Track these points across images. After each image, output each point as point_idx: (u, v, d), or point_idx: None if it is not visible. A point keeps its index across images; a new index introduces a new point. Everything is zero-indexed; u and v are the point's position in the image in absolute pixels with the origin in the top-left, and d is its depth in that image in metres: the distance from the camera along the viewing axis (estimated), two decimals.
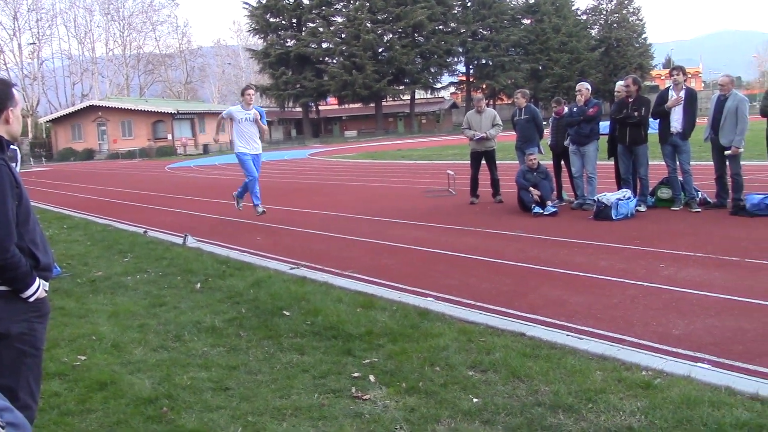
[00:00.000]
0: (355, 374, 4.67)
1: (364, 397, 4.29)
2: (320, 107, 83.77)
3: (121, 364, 5.10)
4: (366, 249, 9.42)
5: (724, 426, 3.59)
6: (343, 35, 73.17)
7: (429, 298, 6.52)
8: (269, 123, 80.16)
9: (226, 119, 11.86)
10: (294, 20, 76.76)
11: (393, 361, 4.84)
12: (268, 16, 76.60)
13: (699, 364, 4.50)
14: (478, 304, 6.25)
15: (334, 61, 74.33)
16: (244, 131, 11.59)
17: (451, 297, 6.54)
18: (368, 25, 72.01)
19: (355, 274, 7.73)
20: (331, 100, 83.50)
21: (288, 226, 11.76)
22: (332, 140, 71.91)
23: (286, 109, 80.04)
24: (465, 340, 5.22)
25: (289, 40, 76.53)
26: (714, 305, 5.79)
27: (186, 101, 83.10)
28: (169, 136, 61.04)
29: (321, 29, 74.10)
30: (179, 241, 10.50)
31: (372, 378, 4.59)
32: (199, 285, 7.55)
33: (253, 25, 77.91)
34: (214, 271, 8.17)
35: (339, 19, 75.68)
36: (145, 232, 11.86)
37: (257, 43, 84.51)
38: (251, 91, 11.87)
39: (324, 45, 75.43)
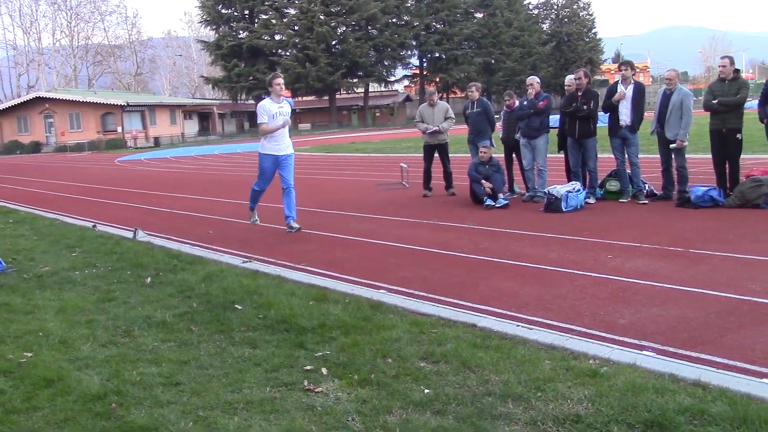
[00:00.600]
0: (308, 367, 4.67)
1: (317, 390, 4.29)
2: None
3: (69, 361, 5.01)
4: (319, 242, 9.40)
5: (667, 412, 3.67)
6: (296, 27, 72.66)
7: (382, 291, 6.54)
8: (221, 116, 79.69)
9: (270, 119, 9.79)
10: (246, 12, 75.99)
11: (345, 354, 4.85)
12: (219, 7, 75.70)
13: (644, 352, 4.60)
14: (430, 296, 6.30)
15: (288, 54, 73.88)
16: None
17: (403, 289, 6.57)
18: (321, 17, 71.61)
19: (308, 267, 7.72)
20: (285, 92, 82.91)
21: (241, 219, 11.67)
22: None
23: (238, 102, 79.28)
24: (417, 331, 5.26)
25: (241, 31, 75.70)
26: (659, 295, 5.93)
27: (136, 93, 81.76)
28: (119, 129, 59.97)
29: (274, 21, 73.49)
30: (129, 235, 10.34)
31: (324, 371, 4.59)
32: (149, 279, 7.45)
33: (204, 17, 76.88)
34: (165, 266, 8.08)
35: (292, 11, 75.14)
36: (94, 226, 11.65)
37: (209, 34, 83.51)
38: (281, 80, 10.09)
39: (277, 37, 74.81)
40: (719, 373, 4.19)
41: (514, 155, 12.87)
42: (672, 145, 10.67)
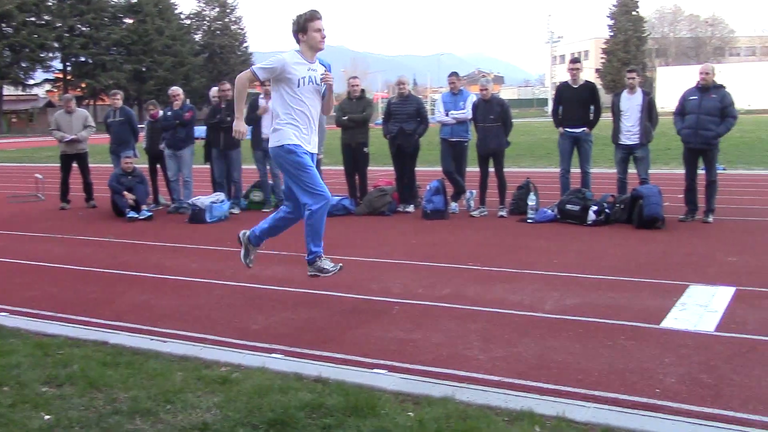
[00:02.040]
0: None
1: None
2: None
3: None
4: None
5: (290, 409, 3.89)
6: None
7: (3, 313, 5.98)
8: None
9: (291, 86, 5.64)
10: None
11: None
12: None
13: (273, 355, 4.82)
14: (59, 315, 5.91)
15: None
16: (302, 105, 5.67)
17: (29, 310, 6.08)
18: None
19: None
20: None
21: None
22: None
23: None
24: (41, 354, 4.91)
25: None
26: (291, 299, 6.27)
27: None
28: None
29: None
30: None
31: None
32: None
33: None
34: None
35: None
36: None
37: None
38: (321, 23, 5.67)
39: None
40: (337, 368, 4.55)
41: (158, 166, 12.64)
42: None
